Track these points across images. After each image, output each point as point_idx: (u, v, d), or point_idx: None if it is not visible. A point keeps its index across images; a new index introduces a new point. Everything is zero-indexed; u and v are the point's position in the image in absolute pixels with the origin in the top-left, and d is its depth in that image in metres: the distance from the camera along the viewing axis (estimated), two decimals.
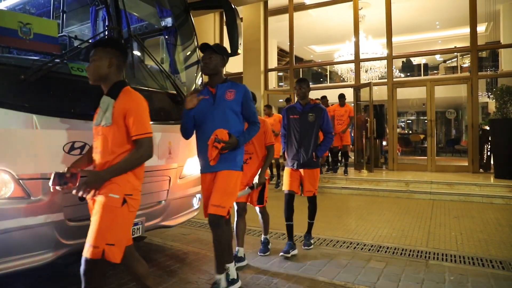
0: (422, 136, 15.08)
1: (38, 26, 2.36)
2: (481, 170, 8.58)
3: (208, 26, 12.21)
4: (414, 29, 13.20)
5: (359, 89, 9.65)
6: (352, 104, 9.87)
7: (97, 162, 2.07)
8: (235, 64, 11.37)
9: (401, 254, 3.75)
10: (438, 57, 16.97)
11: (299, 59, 16.05)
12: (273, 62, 12.34)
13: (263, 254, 3.68)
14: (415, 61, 17.08)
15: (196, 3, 3.80)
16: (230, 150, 2.60)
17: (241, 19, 10.93)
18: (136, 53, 3.17)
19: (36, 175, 2.19)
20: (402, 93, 10.61)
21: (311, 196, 3.91)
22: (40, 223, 2.21)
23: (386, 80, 9.80)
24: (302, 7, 11.14)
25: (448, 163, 10.32)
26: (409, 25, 12.36)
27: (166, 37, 3.72)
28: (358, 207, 6.25)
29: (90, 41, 2.85)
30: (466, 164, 8.91)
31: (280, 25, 11.43)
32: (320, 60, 16.99)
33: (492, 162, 7.99)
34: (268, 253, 3.70)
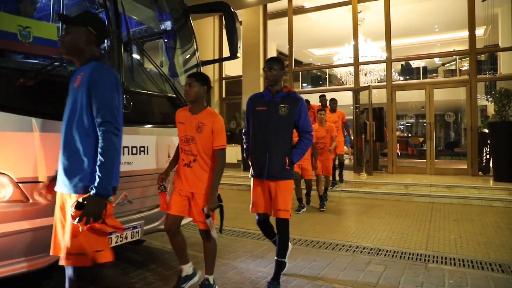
0: (422, 139, 15.12)
1: (38, 30, 2.36)
2: (480, 173, 8.60)
3: (208, 30, 12.25)
4: (413, 32, 13.26)
5: (358, 92, 9.67)
6: (352, 107, 9.90)
7: None
8: (235, 68, 11.41)
9: (401, 257, 3.74)
10: (437, 60, 17.04)
11: (299, 62, 16.07)
12: None
13: None
14: (414, 64, 17.15)
15: (196, 7, 3.81)
16: None
17: (241, 23, 11.02)
18: (136, 57, 3.17)
19: (35, 179, 2.19)
20: (402, 96, 10.63)
21: (282, 220, 2.87)
22: (39, 227, 2.21)
23: (385, 83, 9.83)
24: (301, 11, 11.19)
25: (448, 166, 10.32)
26: (408, 28, 12.42)
27: (166, 41, 3.73)
28: (358, 210, 6.24)
29: None
30: (465, 167, 8.93)
31: (280, 29, 11.47)
32: (320, 63, 17.02)
33: (491, 165, 8.00)
34: None
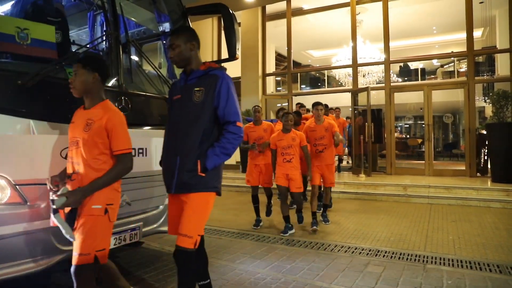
0: (420, 141, 15.13)
1: (36, 31, 2.36)
2: (478, 174, 8.61)
3: (206, 31, 12.26)
4: (411, 34, 13.31)
5: (357, 94, 9.69)
6: (350, 109, 9.91)
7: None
8: (233, 69, 11.38)
9: (399, 258, 3.74)
10: (435, 62, 17.09)
11: (297, 64, 16.11)
12: (271, 67, 12.40)
13: None
14: (413, 66, 17.18)
15: (194, 8, 3.80)
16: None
17: (239, 24, 11.01)
18: (134, 58, 3.17)
19: (33, 181, 2.18)
20: (400, 98, 10.66)
21: (179, 249, 2.04)
22: (37, 229, 2.20)
23: (384, 85, 9.86)
24: (300, 12, 11.22)
25: (446, 167, 10.32)
26: (407, 30, 12.46)
27: (164, 42, 3.73)
28: (356, 211, 6.25)
29: (88, 46, 2.86)
30: (464, 168, 8.94)
31: (278, 30, 11.50)
32: (318, 65, 17.07)
33: (489, 166, 8.02)
34: None
